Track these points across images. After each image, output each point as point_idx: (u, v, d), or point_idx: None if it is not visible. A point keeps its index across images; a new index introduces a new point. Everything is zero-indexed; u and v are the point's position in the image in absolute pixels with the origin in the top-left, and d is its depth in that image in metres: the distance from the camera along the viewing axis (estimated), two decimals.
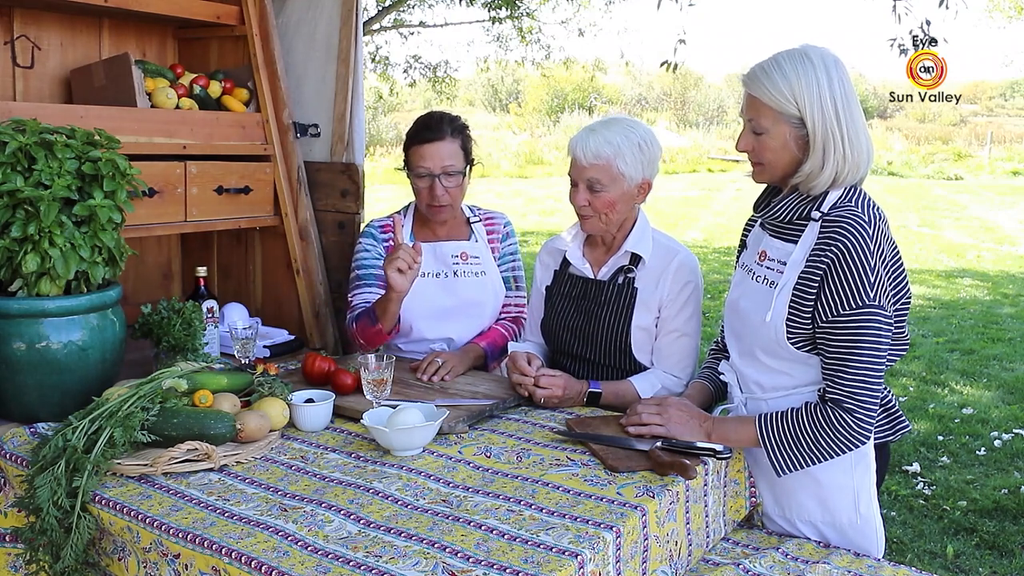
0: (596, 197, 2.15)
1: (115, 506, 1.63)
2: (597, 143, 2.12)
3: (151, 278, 3.05)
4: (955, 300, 7.88)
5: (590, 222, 2.21)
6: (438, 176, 2.44)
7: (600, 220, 2.20)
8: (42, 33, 2.65)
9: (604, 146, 2.12)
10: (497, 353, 2.53)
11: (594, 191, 2.15)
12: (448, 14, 30.62)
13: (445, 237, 2.59)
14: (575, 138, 2.18)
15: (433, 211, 2.50)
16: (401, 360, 2.42)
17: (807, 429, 1.76)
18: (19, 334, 1.91)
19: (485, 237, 2.61)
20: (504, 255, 2.64)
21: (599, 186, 2.14)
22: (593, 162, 2.13)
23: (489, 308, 2.58)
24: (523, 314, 2.63)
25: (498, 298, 2.60)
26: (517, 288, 2.66)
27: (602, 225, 2.21)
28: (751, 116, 1.80)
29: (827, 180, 1.76)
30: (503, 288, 2.61)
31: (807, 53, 1.75)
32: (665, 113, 30.94)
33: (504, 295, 2.62)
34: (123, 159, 2.02)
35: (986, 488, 3.77)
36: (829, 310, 1.72)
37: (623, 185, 2.15)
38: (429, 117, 2.51)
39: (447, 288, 2.54)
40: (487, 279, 2.57)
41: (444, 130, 2.46)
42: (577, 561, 1.41)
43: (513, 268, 2.66)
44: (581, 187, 2.17)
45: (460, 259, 2.56)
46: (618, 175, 2.14)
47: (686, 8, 6.59)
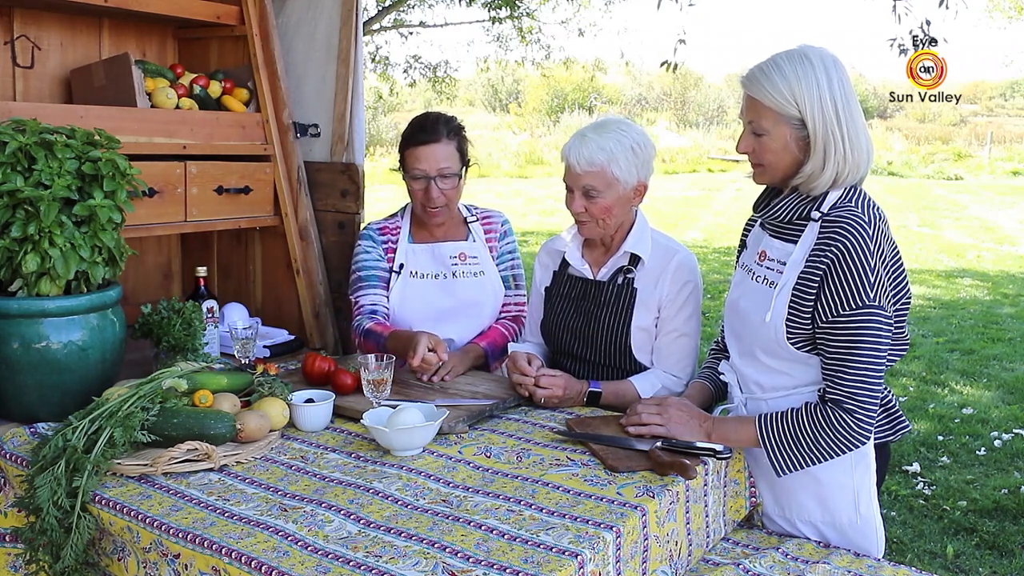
0: (592, 203, 2.15)
1: (115, 506, 1.63)
2: (591, 150, 2.11)
3: (151, 278, 3.05)
4: (955, 300, 7.88)
5: (587, 227, 2.22)
6: (434, 178, 2.44)
7: (597, 225, 2.20)
8: (42, 33, 2.65)
9: (598, 153, 2.11)
10: (498, 353, 2.52)
11: (590, 197, 2.15)
12: (448, 14, 30.68)
13: (442, 238, 2.58)
14: (568, 145, 2.17)
15: (429, 213, 2.49)
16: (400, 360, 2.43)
17: (807, 429, 1.76)
18: (19, 334, 1.91)
19: (483, 237, 2.60)
20: (502, 254, 2.63)
21: (595, 192, 2.14)
22: (588, 169, 2.12)
23: (488, 308, 2.58)
24: (523, 313, 2.62)
25: (497, 298, 2.59)
26: (516, 287, 2.65)
27: (599, 230, 2.22)
28: (751, 118, 1.80)
29: (828, 180, 1.76)
30: (502, 288, 2.60)
31: (806, 54, 1.75)
32: (665, 113, 30.94)
33: (504, 294, 2.61)
34: (123, 159, 2.02)
35: (986, 488, 3.77)
36: (829, 310, 1.72)
37: (618, 190, 2.15)
38: (425, 118, 2.50)
39: (446, 289, 2.53)
40: (486, 279, 2.57)
41: (440, 132, 2.45)
42: (577, 561, 1.41)
43: (512, 267, 2.64)
44: (577, 194, 2.17)
45: (459, 260, 2.55)
46: (613, 180, 2.14)
47: (686, 8, 6.60)
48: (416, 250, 2.56)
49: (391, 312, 2.54)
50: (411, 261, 2.55)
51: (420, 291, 2.52)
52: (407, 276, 2.54)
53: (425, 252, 2.55)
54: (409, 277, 2.54)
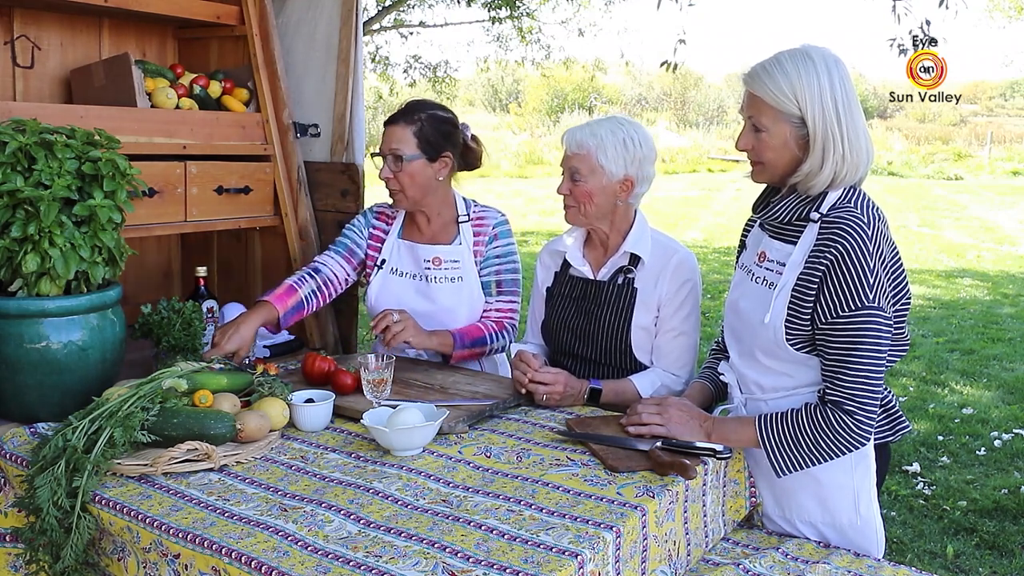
0: (576, 186, 2.20)
1: (115, 506, 1.62)
2: (583, 134, 2.20)
3: (151, 278, 3.05)
4: (955, 300, 7.88)
5: (571, 212, 2.25)
6: (385, 157, 2.43)
7: (580, 211, 2.22)
8: (42, 33, 2.65)
9: (589, 138, 2.18)
10: (467, 343, 2.44)
11: (574, 180, 2.20)
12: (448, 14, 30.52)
13: (429, 237, 2.52)
14: (567, 130, 2.25)
15: (390, 195, 2.48)
16: (401, 360, 2.42)
17: (807, 430, 1.76)
18: (19, 334, 1.91)
19: (471, 240, 2.51)
20: (488, 259, 2.51)
21: (578, 176, 2.19)
22: (576, 151, 2.19)
23: (463, 316, 2.49)
24: (507, 319, 2.53)
25: (474, 305, 2.49)
26: (499, 294, 2.52)
27: (582, 217, 2.24)
28: (751, 114, 1.80)
29: (826, 180, 1.75)
30: (482, 296, 2.51)
31: (808, 53, 1.75)
32: (665, 113, 30.93)
33: (484, 301, 2.51)
34: (123, 159, 2.02)
35: (986, 488, 3.77)
36: (828, 312, 1.72)
37: (602, 179, 2.18)
38: (408, 102, 2.49)
39: (421, 291, 2.50)
40: (463, 285, 2.49)
41: (407, 114, 2.42)
42: (577, 561, 1.41)
43: (497, 272, 2.52)
44: (565, 176, 2.23)
45: (432, 264, 2.49)
46: (597, 167, 2.17)
47: (686, 8, 6.60)
48: (401, 247, 2.54)
49: (369, 303, 2.54)
50: (394, 257, 2.54)
51: (397, 289, 2.50)
52: (388, 272, 2.53)
53: (407, 250, 2.52)
54: (390, 274, 2.53)
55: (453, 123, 2.49)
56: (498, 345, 2.52)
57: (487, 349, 2.49)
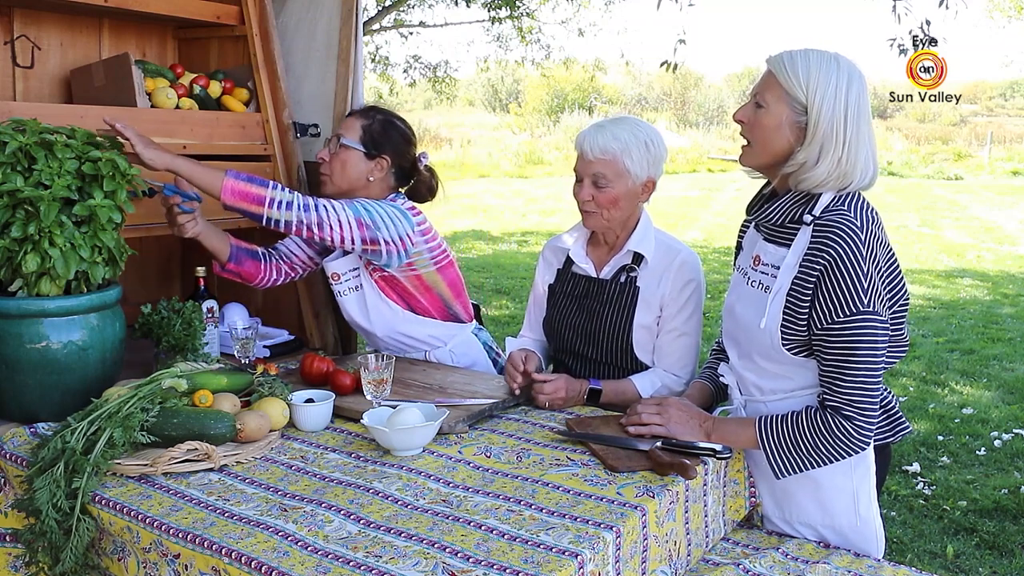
0: (600, 192, 2.16)
1: (115, 506, 1.63)
2: (605, 139, 2.14)
3: (151, 278, 3.05)
4: (955, 300, 7.87)
5: (592, 218, 2.21)
6: (329, 140, 2.49)
7: (602, 216, 2.20)
8: (42, 33, 2.65)
9: (612, 142, 2.13)
10: (244, 176, 2.21)
11: (599, 186, 2.16)
12: (448, 14, 30.55)
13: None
14: (583, 133, 2.20)
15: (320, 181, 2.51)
16: (400, 360, 2.43)
17: (807, 434, 1.76)
18: (19, 334, 1.91)
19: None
20: None
21: (604, 181, 2.15)
22: (600, 157, 2.14)
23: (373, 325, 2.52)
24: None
25: (379, 315, 2.50)
26: None
27: (604, 222, 2.21)
28: (759, 90, 1.81)
29: (819, 177, 1.74)
30: (385, 304, 2.48)
31: (837, 58, 1.77)
32: (665, 113, 30.91)
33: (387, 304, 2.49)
34: (123, 159, 2.02)
35: (986, 488, 3.77)
36: (823, 317, 1.71)
37: (628, 182, 2.16)
38: (374, 103, 2.53)
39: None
40: (362, 293, 2.50)
41: (366, 111, 2.50)
42: (577, 561, 1.41)
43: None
44: (586, 182, 2.17)
45: (332, 280, 2.54)
46: (623, 171, 2.14)
47: (686, 8, 6.60)
48: None
49: None
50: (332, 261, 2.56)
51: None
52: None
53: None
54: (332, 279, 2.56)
55: (407, 138, 2.51)
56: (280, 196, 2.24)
57: (266, 195, 2.22)
